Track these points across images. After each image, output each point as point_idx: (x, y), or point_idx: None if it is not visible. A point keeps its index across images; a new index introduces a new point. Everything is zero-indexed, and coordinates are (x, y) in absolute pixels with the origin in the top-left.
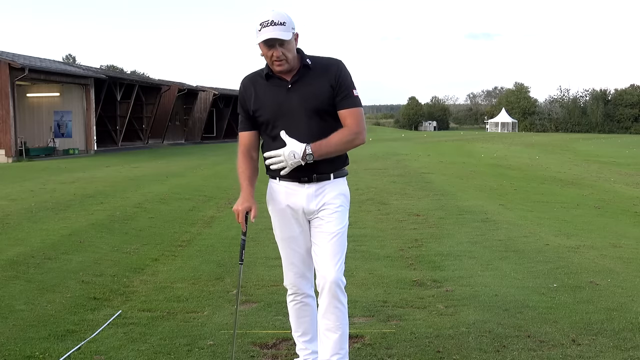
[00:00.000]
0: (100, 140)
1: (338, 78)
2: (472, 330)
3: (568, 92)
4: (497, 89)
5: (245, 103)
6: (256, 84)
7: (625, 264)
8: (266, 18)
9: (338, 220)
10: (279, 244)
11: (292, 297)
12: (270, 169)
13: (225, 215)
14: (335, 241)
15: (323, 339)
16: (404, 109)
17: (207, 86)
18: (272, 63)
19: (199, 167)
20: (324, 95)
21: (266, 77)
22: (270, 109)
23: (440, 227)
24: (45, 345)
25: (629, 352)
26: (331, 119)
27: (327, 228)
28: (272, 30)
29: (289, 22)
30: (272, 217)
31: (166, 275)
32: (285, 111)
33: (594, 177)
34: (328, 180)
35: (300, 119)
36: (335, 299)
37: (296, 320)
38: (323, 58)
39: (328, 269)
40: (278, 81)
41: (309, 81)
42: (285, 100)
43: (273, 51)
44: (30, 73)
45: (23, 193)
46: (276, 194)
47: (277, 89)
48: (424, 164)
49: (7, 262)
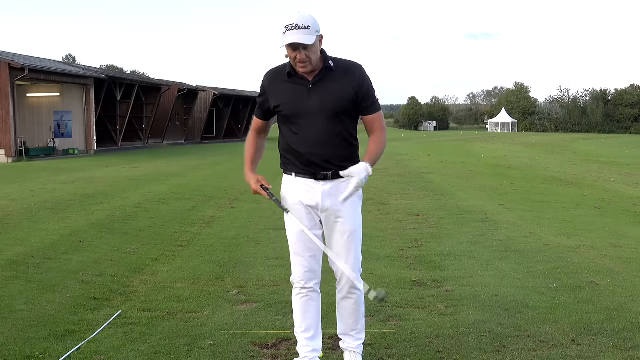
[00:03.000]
0: (100, 140)
1: (362, 85)
2: (472, 330)
3: (568, 92)
4: (497, 89)
5: (265, 95)
6: (278, 80)
7: (625, 264)
8: (291, 21)
9: (354, 218)
10: (290, 238)
11: (299, 290)
12: (286, 164)
13: (225, 215)
14: (352, 238)
15: (342, 318)
16: (403, 109)
17: (207, 86)
18: (296, 64)
19: (199, 167)
20: (344, 98)
21: (288, 75)
22: (290, 106)
23: (440, 227)
24: (45, 345)
25: (629, 352)
26: (348, 120)
27: (343, 226)
28: (295, 35)
29: (313, 25)
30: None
31: (166, 275)
32: (304, 110)
33: (594, 177)
34: (343, 178)
35: (318, 118)
36: (353, 287)
37: (301, 315)
38: (345, 61)
39: (345, 265)
40: (300, 80)
41: (330, 83)
42: (305, 99)
43: (297, 54)
44: (30, 73)
45: (23, 193)
46: (292, 189)
47: (299, 87)
48: (424, 164)
49: (7, 262)
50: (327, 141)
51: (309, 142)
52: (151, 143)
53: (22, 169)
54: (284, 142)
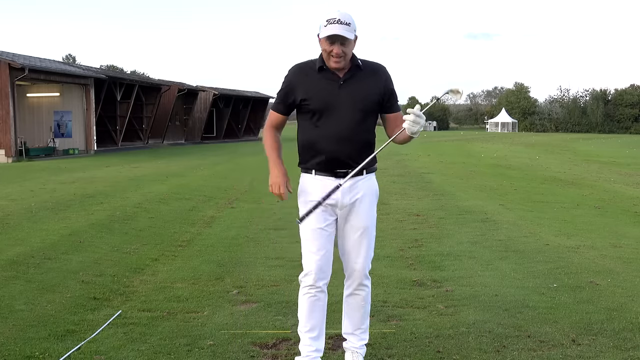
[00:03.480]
0: (100, 140)
1: (388, 85)
2: (472, 330)
3: (568, 92)
4: (497, 89)
5: (290, 89)
6: (308, 75)
7: (625, 264)
8: (333, 16)
9: (369, 215)
10: (306, 235)
11: (307, 289)
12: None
13: (226, 215)
14: (366, 235)
15: (348, 314)
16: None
17: (207, 86)
18: (329, 58)
19: (199, 167)
20: (372, 96)
21: (319, 69)
22: (320, 100)
23: (440, 227)
24: (45, 345)
25: (629, 352)
26: (371, 119)
27: (358, 222)
28: (337, 28)
29: (353, 25)
30: (303, 209)
31: (166, 275)
32: (334, 105)
33: (594, 177)
34: (361, 175)
35: (347, 114)
36: (361, 284)
37: (307, 314)
38: (371, 62)
39: (357, 261)
40: (331, 75)
41: (360, 81)
42: (336, 95)
43: (334, 47)
44: (30, 73)
45: (23, 193)
46: (311, 187)
47: (329, 83)
48: (424, 164)
49: (7, 262)
50: (351, 138)
51: (335, 138)
52: (151, 143)
53: (22, 169)
54: (306, 137)
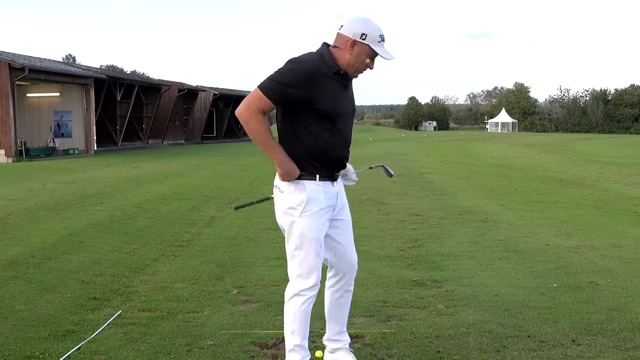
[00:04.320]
0: (100, 140)
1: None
2: (472, 330)
3: (568, 92)
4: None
5: (296, 85)
6: (322, 76)
7: (625, 264)
8: (383, 32)
9: (349, 212)
10: (310, 245)
11: (305, 298)
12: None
13: (225, 215)
14: (351, 228)
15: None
16: (404, 109)
17: (207, 86)
18: (359, 69)
19: (199, 167)
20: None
21: (336, 73)
22: (332, 104)
23: (440, 227)
24: (45, 345)
25: (629, 352)
26: None
27: (348, 217)
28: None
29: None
30: (307, 220)
31: (166, 275)
32: (344, 110)
33: (594, 177)
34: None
35: (349, 118)
36: (353, 281)
37: (305, 325)
38: None
39: (353, 255)
40: (342, 80)
41: (351, 88)
42: (343, 100)
43: (372, 63)
44: (30, 73)
45: (23, 193)
46: (317, 194)
47: (342, 88)
48: (424, 164)
49: (7, 262)
50: (349, 142)
51: (346, 143)
52: (151, 143)
53: (22, 169)
54: (322, 143)
